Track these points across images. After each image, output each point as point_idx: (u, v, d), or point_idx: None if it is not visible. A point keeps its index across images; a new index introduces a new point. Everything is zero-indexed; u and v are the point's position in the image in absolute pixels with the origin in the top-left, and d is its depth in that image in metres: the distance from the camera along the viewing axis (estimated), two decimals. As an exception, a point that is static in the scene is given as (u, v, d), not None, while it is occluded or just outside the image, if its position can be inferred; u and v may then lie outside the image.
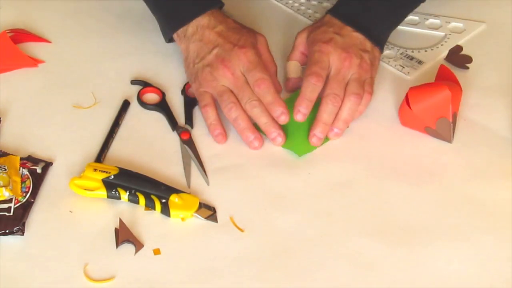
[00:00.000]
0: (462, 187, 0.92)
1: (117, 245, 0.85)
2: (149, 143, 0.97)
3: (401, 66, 1.09)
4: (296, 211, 0.90)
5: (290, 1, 1.21)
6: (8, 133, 0.98)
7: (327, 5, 1.20)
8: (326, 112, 0.95)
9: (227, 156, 0.95)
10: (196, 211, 0.88)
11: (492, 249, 0.86)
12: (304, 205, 0.91)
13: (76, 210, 0.88)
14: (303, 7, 1.20)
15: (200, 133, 0.98)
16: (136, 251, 0.85)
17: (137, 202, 0.88)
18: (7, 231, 0.85)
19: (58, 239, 0.86)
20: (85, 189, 0.88)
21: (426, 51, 1.11)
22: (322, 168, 0.94)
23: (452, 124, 0.97)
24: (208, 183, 0.92)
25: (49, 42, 1.12)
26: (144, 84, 1.04)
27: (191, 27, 0.99)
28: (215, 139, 0.96)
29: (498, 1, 1.20)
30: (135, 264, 0.84)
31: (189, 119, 1.00)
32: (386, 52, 1.09)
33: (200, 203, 0.88)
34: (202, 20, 0.99)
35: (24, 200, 0.88)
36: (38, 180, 0.90)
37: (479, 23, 1.16)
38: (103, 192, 0.88)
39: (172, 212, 0.87)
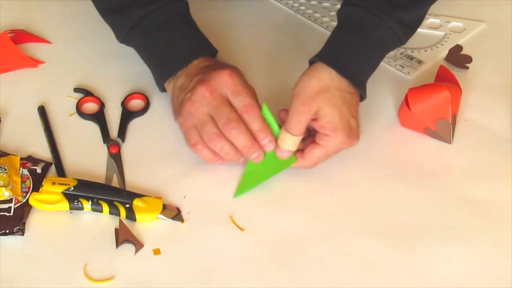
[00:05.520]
0: (462, 187, 0.92)
1: (117, 245, 0.85)
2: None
3: (401, 66, 1.09)
4: (296, 211, 0.90)
5: (290, 1, 1.21)
6: (8, 133, 0.98)
7: (327, 5, 1.20)
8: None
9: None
10: (161, 213, 0.88)
11: (492, 249, 0.86)
12: (304, 205, 0.91)
13: (76, 210, 0.88)
14: (303, 7, 1.20)
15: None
16: (136, 251, 0.85)
17: (100, 211, 0.87)
18: (7, 231, 0.85)
19: (58, 239, 0.86)
20: (46, 203, 0.87)
21: (426, 50, 1.11)
22: (322, 168, 0.94)
23: (451, 125, 0.97)
24: None
25: (49, 42, 1.12)
26: (86, 93, 1.03)
27: (180, 70, 0.95)
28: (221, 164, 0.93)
29: (498, 1, 1.21)
30: (135, 264, 0.84)
31: (122, 132, 0.98)
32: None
33: (164, 205, 0.88)
34: (192, 64, 0.95)
35: (24, 200, 0.88)
36: (38, 180, 0.90)
37: (479, 23, 1.16)
38: (65, 205, 0.87)
39: (137, 216, 0.87)
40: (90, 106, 1.02)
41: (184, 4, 0.99)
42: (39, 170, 0.91)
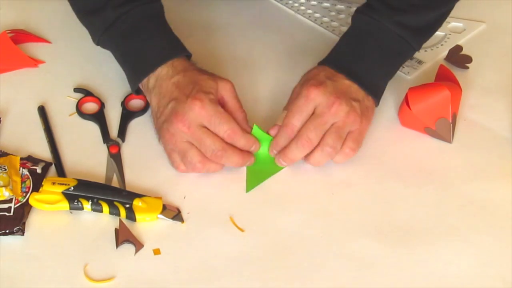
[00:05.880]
0: (462, 187, 0.92)
1: (117, 245, 0.85)
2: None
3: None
4: (296, 211, 0.90)
5: (290, 1, 1.21)
6: (8, 133, 0.98)
7: (327, 5, 1.20)
8: (292, 150, 0.92)
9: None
10: (161, 213, 0.88)
11: (492, 249, 0.86)
12: (304, 205, 0.91)
13: (76, 210, 0.88)
14: (303, 7, 1.20)
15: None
16: (136, 251, 0.85)
17: (100, 211, 0.87)
18: (7, 231, 0.85)
19: (58, 239, 0.86)
20: (46, 203, 0.87)
21: (426, 51, 1.11)
22: (322, 168, 0.94)
23: (451, 125, 0.97)
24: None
25: (49, 42, 1.12)
26: (86, 93, 1.03)
27: (152, 79, 0.95)
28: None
29: (498, 1, 1.21)
30: (135, 264, 0.84)
31: (122, 132, 0.98)
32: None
33: (164, 205, 0.88)
34: (162, 71, 0.94)
35: (24, 200, 0.88)
36: (38, 180, 0.90)
37: (479, 23, 1.16)
38: (65, 205, 0.87)
39: (137, 216, 0.87)
40: (90, 106, 1.02)
41: (159, 6, 0.99)
42: (39, 170, 0.91)
